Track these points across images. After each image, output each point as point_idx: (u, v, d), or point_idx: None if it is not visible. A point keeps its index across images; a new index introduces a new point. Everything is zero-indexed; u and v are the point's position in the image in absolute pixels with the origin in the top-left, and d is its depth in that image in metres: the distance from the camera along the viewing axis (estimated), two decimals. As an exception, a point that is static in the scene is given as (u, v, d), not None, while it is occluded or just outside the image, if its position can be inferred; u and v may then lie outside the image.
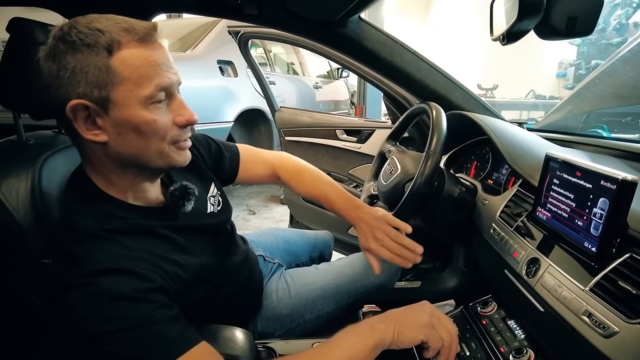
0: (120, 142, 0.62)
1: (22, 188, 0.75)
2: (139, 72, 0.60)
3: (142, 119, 0.61)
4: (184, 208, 0.73)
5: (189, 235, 0.76)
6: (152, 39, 0.62)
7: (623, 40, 6.06)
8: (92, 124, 0.61)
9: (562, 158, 0.69)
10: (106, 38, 0.58)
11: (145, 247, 0.65)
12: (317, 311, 1.02)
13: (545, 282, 0.67)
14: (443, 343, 0.65)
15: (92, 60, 0.57)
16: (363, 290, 1.09)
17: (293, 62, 4.67)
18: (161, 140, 0.64)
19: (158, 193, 0.75)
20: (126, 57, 0.59)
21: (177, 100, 0.66)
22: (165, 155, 0.66)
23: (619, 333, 0.52)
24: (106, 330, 0.55)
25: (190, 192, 0.74)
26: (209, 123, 2.96)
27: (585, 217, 0.62)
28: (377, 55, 1.16)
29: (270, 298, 1.01)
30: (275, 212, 3.44)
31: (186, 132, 0.68)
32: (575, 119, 1.80)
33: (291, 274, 1.08)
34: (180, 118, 0.65)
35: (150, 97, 0.61)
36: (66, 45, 0.58)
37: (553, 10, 0.67)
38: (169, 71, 0.63)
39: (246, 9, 1.08)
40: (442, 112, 0.98)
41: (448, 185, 1.02)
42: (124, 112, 0.60)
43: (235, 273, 0.90)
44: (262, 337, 0.96)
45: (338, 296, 1.05)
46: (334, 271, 1.10)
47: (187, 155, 0.70)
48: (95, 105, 0.59)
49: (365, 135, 1.91)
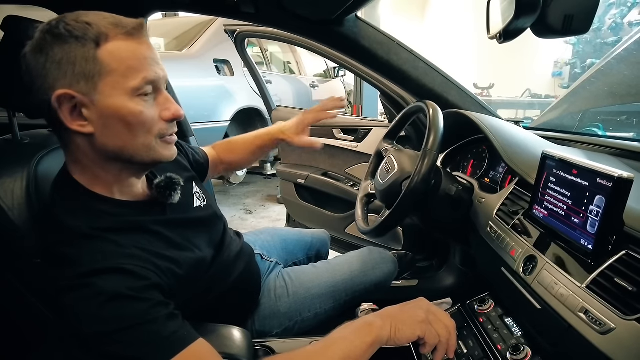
0: (107, 133, 0.62)
1: (18, 187, 0.75)
2: (127, 64, 0.61)
3: (129, 110, 0.62)
4: (171, 199, 0.74)
5: (180, 230, 0.76)
6: (140, 34, 0.63)
7: (618, 39, 6.09)
8: (79, 115, 0.61)
9: (558, 156, 0.69)
10: (94, 30, 0.59)
11: (137, 244, 0.65)
12: (315, 309, 1.02)
13: (542, 279, 0.67)
14: (440, 339, 0.65)
15: (80, 51, 0.59)
16: (361, 288, 1.09)
17: (289, 61, 4.67)
18: (147, 133, 0.65)
19: (144, 187, 0.75)
20: (113, 49, 0.60)
21: (163, 95, 0.67)
22: (152, 148, 0.66)
23: (616, 330, 0.52)
24: (102, 331, 0.55)
25: (176, 182, 0.75)
26: (205, 122, 2.96)
27: (582, 214, 0.63)
28: (374, 54, 1.16)
29: (269, 296, 1.01)
30: (272, 212, 3.44)
31: (172, 127, 0.69)
32: (571, 118, 1.80)
33: (289, 272, 1.09)
34: (166, 112, 0.66)
35: (137, 89, 0.62)
36: (54, 38, 0.59)
37: (550, 8, 0.67)
38: (156, 66, 0.64)
39: (243, 7, 1.07)
40: (439, 111, 0.98)
41: (445, 184, 1.03)
42: (110, 103, 0.61)
43: (231, 267, 0.90)
44: (260, 336, 0.96)
45: (336, 294, 1.05)
46: (332, 270, 1.10)
47: (174, 150, 0.71)
48: (82, 95, 0.60)
49: (362, 134, 1.91)
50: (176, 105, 0.68)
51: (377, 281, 1.12)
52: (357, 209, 1.24)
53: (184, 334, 0.59)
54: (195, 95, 2.94)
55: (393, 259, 1.23)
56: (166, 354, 0.56)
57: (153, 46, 0.66)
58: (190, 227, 0.80)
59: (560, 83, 7.67)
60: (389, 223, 1.02)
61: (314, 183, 2.07)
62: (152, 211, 0.73)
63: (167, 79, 0.68)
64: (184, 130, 1.54)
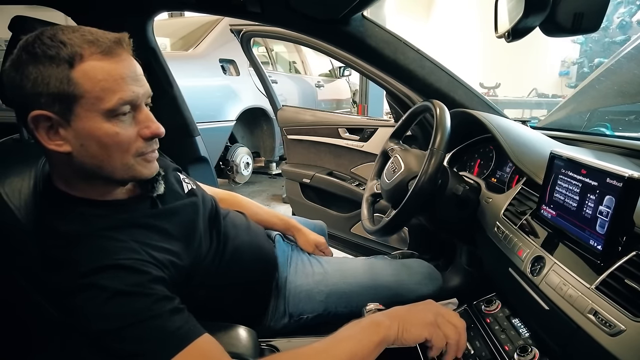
0: (84, 153, 0.62)
1: (25, 187, 0.75)
2: (101, 86, 0.60)
3: (104, 132, 0.61)
4: (155, 190, 0.74)
5: (175, 219, 0.76)
6: (117, 52, 0.62)
7: (626, 38, 6.03)
8: (55, 134, 0.61)
9: (567, 156, 0.69)
10: (67, 50, 0.58)
11: (134, 238, 0.65)
12: (352, 307, 1.01)
13: (550, 280, 0.66)
14: (449, 341, 0.65)
15: (53, 72, 0.58)
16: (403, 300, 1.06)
17: (295, 61, 4.67)
18: (125, 153, 0.64)
19: (129, 186, 0.75)
20: (88, 69, 0.59)
21: (143, 112, 0.66)
22: (130, 167, 0.66)
23: (626, 331, 0.51)
24: (107, 329, 0.55)
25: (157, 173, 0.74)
26: (211, 122, 2.97)
27: (591, 215, 0.62)
28: (380, 53, 1.15)
29: (306, 280, 1.01)
30: (277, 211, 3.43)
31: (152, 144, 0.68)
32: (579, 117, 1.79)
33: (329, 261, 1.08)
34: (145, 130, 0.66)
35: (112, 111, 0.61)
36: (29, 56, 0.58)
37: (559, 6, 0.66)
38: (134, 84, 0.63)
39: (249, 6, 1.07)
40: (446, 110, 0.98)
41: (452, 184, 1.02)
42: (85, 125, 0.60)
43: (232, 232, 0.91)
44: (291, 317, 0.97)
45: (376, 296, 1.02)
46: (373, 269, 1.09)
47: (154, 167, 0.71)
48: (57, 116, 0.59)
49: (368, 133, 1.91)
50: (156, 123, 0.67)
51: (421, 298, 1.10)
52: (362, 208, 1.23)
53: (190, 328, 0.59)
54: (201, 95, 2.95)
55: (439, 275, 1.17)
56: (172, 349, 0.56)
57: (134, 61, 0.65)
58: (186, 213, 0.80)
59: (567, 82, 7.61)
60: (395, 223, 1.01)
61: (319, 183, 2.07)
62: (142, 206, 0.74)
63: (149, 94, 0.67)
64: (190, 130, 1.55)
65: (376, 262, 1.14)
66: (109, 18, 0.67)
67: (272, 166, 4.13)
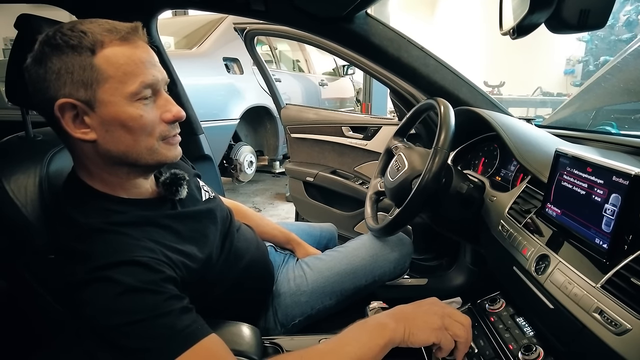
0: (109, 139, 0.64)
1: (30, 184, 0.76)
2: (123, 70, 0.62)
3: (129, 115, 0.63)
4: (178, 194, 0.76)
5: (191, 223, 0.77)
6: (134, 38, 0.64)
7: (633, 36, 5.97)
8: (81, 122, 0.63)
9: (572, 154, 0.68)
10: (89, 38, 0.60)
11: (150, 237, 0.66)
12: (336, 296, 1.03)
13: (555, 279, 0.66)
14: (459, 339, 0.65)
15: (76, 60, 0.60)
16: (380, 272, 1.09)
17: (298, 60, 4.66)
18: (149, 136, 0.66)
19: (152, 185, 0.77)
20: (109, 55, 0.61)
21: (163, 97, 0.68)
22: (155, 151, 0.67)
23: (632, 330, 0.51)
24: (116, 323, 0.56)
25: (181, 177, 0.76)
26: (214, 120, 2.97)
27: (597, 213, 0.61)
28: (384, 51, 1.15)
29: (288, 286, 1.02)
30: (280, 210, 3.44)
31: (174, 128, 0.70)
32: (584, 116, 1.77)
33: (306, 262, 1.09)
34: (167, 114, 0.67)
35: (135, 94, 0.63)
36: (51, 49, 0.60)
37: (565, 3, 0.65)
38: (153, 69, 0.65)
39: (253, 5, 1.08)
40: (450, 108, 0.97)
41: (456, 182, 1.01)
42: (110, 110, 0.62)
43: (241, 250, 0.91)
44: (284, 325, 0.98)
45: (355, 279, 1.05)
46: (349, 255, 1.10)
47: (177, 151, 0.72)
48: (82, 103, 0.61)
49: (372, 132, 1.91)
50: (177, 106, 0.68)
51: (396, 263, 1.12)
52: (366, 206, 1.23)
53: (197, 327, 0.59)
54: (204, 94, 2.95)
55: (409, 239, 1.21)
56: (179, 347, 0.56)
57: (150, 49, 0.67)
58: (201, 219, 0.81)
59: (572, 81, 7.55)
60: (399, 221, 1.01)
61: (323, 181, 2.07)
62: (162, 207, 0.75)
63: (166, 80, 0.69)
64: (194, 128, 1.55)
65: (350, 245, 1.15)
66: (113, 16, 0.68)
67: (275, 165, 4.14)
